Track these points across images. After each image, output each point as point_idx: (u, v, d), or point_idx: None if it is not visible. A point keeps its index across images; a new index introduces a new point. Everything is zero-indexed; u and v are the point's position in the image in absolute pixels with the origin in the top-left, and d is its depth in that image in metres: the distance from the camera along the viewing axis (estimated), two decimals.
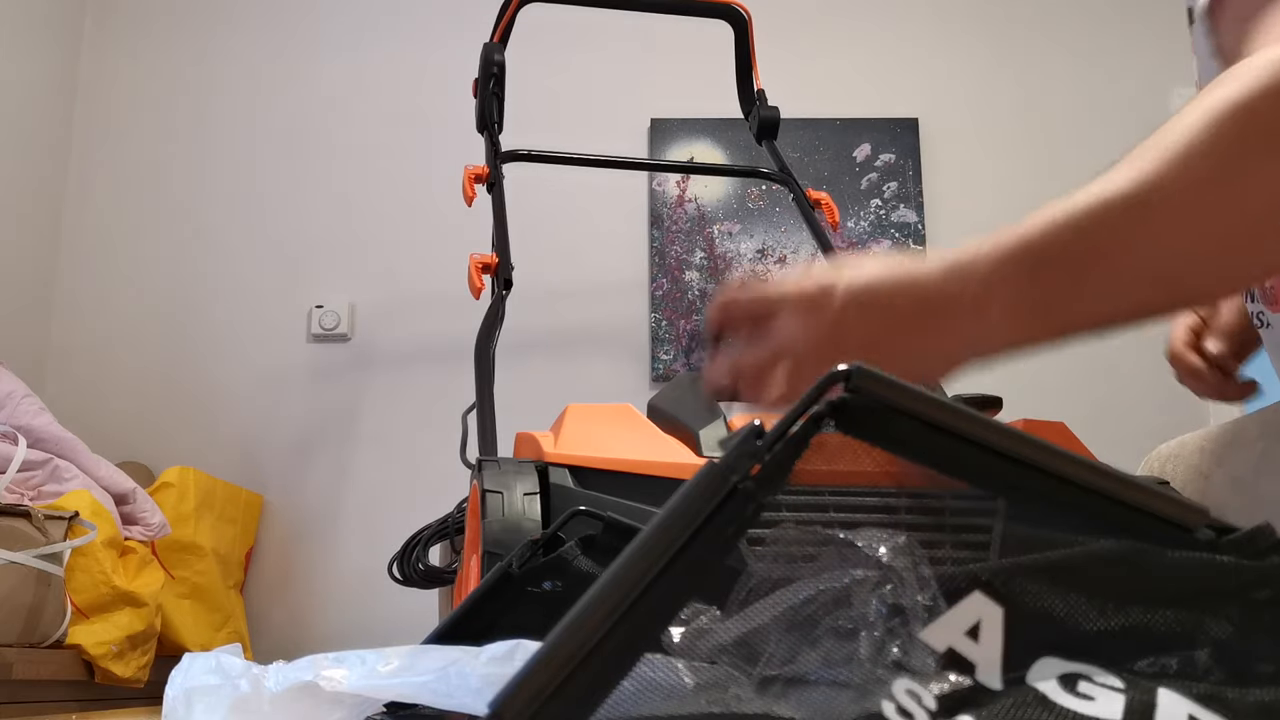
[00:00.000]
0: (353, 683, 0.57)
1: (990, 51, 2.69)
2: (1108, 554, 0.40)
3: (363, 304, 2.56)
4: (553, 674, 0.28)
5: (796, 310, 0.63)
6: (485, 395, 1.36)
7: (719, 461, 0.33)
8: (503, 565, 0.73)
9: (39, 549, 1.53)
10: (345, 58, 2.70)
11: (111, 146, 2.67)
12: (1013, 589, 0.38)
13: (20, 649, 1.52)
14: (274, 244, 2.60)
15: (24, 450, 1.73)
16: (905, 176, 2.58)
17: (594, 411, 1.01)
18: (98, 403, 2.47)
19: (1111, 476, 0.40)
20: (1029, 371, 2.47)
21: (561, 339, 2.52)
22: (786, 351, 0.64)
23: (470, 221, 1.91)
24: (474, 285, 1.53)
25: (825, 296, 0.62)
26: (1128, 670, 0.37)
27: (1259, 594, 0.39)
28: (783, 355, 0.64)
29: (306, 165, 2.64)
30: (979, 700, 0.35)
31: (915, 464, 0.37)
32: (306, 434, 2.50)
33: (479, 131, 1.83)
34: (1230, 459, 1.00)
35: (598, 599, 0.29)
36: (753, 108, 1.96)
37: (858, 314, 0.62)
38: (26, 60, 2.52)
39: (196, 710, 0.59)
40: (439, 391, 2.38)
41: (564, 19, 2.15)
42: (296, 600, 2.40)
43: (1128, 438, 1.48)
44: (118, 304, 2.57)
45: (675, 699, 0.34)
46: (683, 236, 2.56)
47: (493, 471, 0.91)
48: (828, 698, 0.35)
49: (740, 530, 0.32)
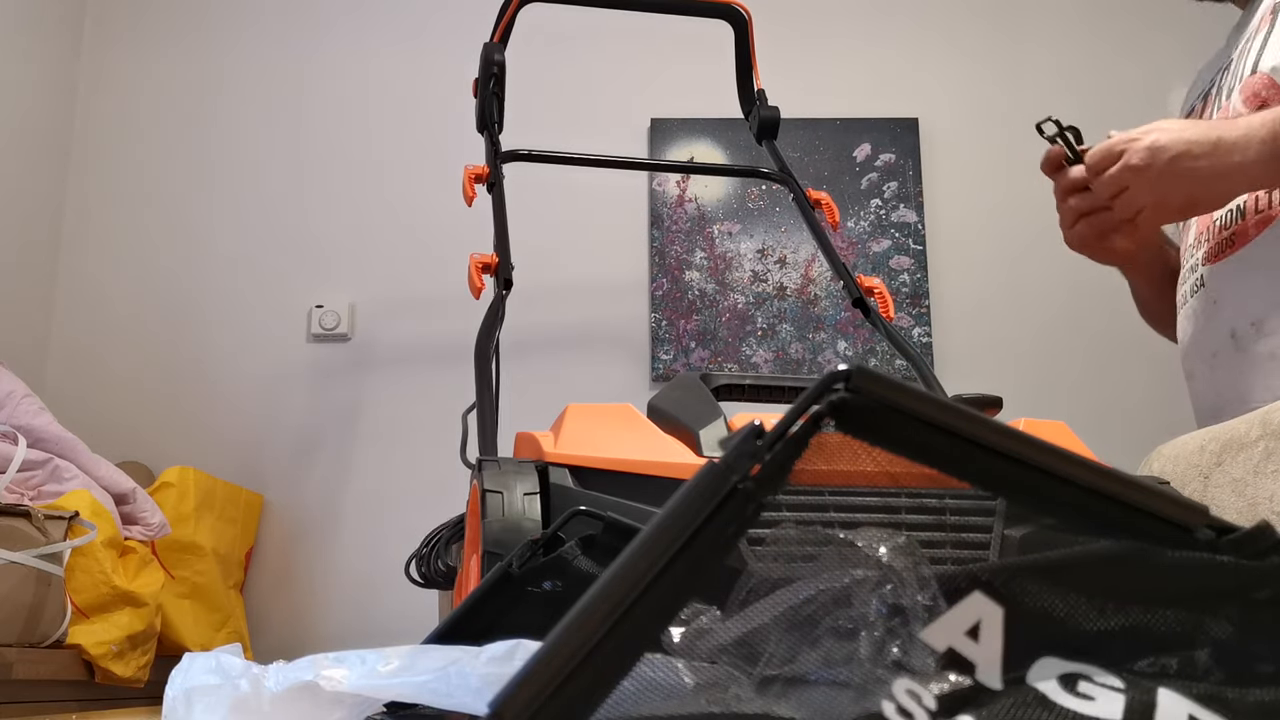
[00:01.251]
0: (353, 683, 0.57)
1: (990, 51, 2.69)
2: (1108, 554, 0.40)
3: (363, 304, 2.56)
4: (553, 674, 0.28)
5: (1122, 151, 1.02)
6: (485, 395, 1.36)
7: (719, 461, 0.33)
8: (502, 565, 0.73)
9: (39, 549, 1.53)
10: (345, 58, 2.70)
11: (111, 147, 2.67)
12: (1013, 589, 0.38)
13: (20, 649, 1.52)
14: (274, 244, 2.60)
15: (24, 450, 1.73)
16: (905, 176, 2.58)
17: (594, 411, 1.01)
18: (98, 403, 2.47)
19: (1112, 476, 0.40)
20: (1029, 371, 2.47)
21: (561, 339, 2.52)
22: (1123, 177, 1.01)
23: (470, 221, 1.91)
24: (474, 285, 1.53)
25: (1144, 136, 1.01)
26: (1128, 670, 0.37)
27: (1259, 594, 0.39)
28: (1121, 181, 1.02)
29: (306, 165, 2.64)
30: (979, 700, 0.35)
31: (915, 464, 0.37)
32: (306, 434, 2.50)
33: (479, 131, 1.83)
34: (1230, 459, 1.00)
35: (598, 599, 0.29)
36: (753, 108, 1.96)
37: (1164, 148, 0.99)
38: (26, 60, 2.52)
39: (196, 710, 0.59)
40: (439, 391, 2.38)
41: (564, 19, 2.15)
42: (296, 600, 2.40)
43: (1128, 438, 1.48)
44: (118, 304, 2.57)
45: (675, 699, 0.34)
46: (683, 236, 2.56)
47: (493, 471, 0.91)
48: (828, 698, 0.35)
49: (740, 530, 0.32)
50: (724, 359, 2.49)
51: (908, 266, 2.54)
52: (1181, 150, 1.00)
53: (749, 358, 2.49)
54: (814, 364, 2.49)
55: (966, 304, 2.53)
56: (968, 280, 2.55)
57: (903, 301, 2.51)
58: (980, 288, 2.56)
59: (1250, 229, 1.09)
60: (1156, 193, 1.02)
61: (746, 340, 2.50)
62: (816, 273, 2.54)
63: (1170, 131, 1.01)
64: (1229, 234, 1.12)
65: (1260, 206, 1.08)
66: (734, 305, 2.52)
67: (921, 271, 2.53)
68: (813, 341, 2.50)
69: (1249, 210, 1.10)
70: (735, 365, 2.48)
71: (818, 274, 2.54)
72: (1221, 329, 1.12)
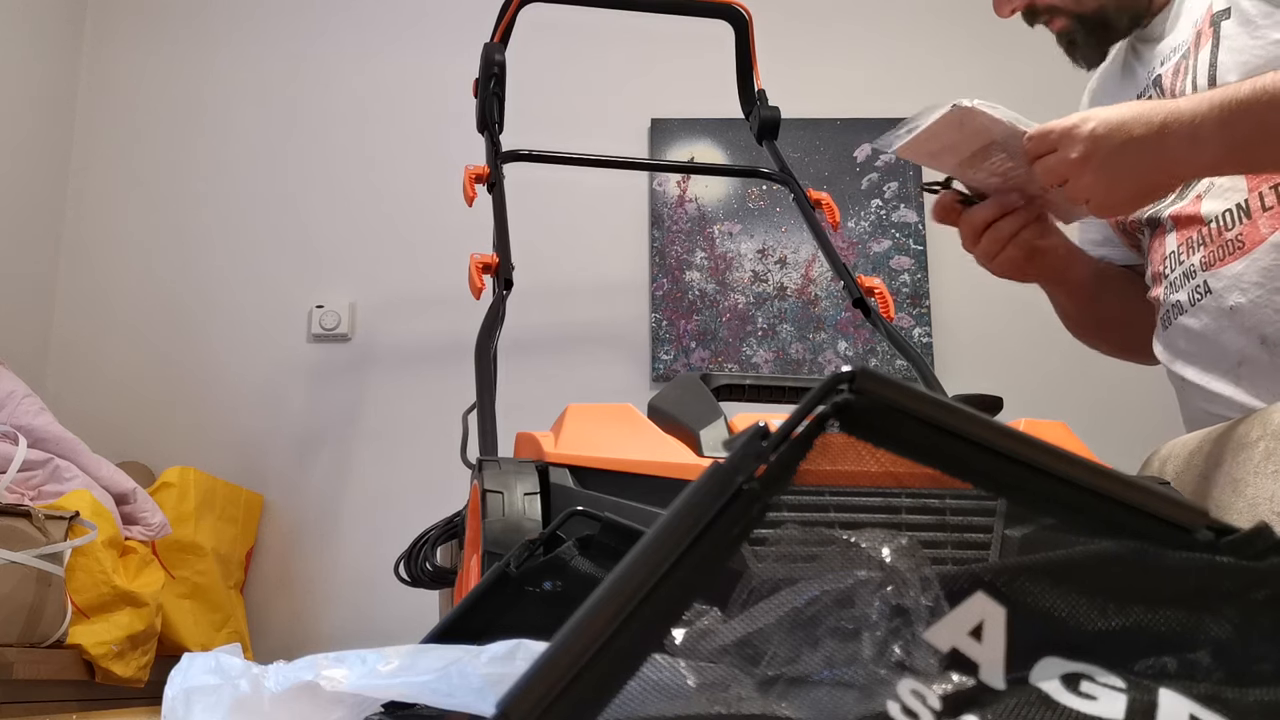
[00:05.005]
0: (353, 682, 0.57)
1: (990, 51, 2.69)
2: (1109, 554, 0.40)
3: (363, 304, 2.56)
4: (560, 675, 0.28)
5: (1061, 140, 0.98)
6: (485, 395, 1.36)
7: (724, 462, 0.33)
8: (500, 565, 0.73)
9: (39, 549, 1.53)
10: (345, 58, 2.70)
11: (111, 146, 2.67)
12: (1015, 589, 0.38)
13: (20, 649, 1.52)
14: (274, 244, 2.60)
15: (24, 450, 1.73)
16: (905, 176, 2.58)
17: (594, 411, 1.01)
18: (98, 403, 2.47)
19: (1112, 477, 0.40)
20: (1029, 372, 2.47)
21: (562, 339, 2.52)
22: (1063, 169, 0.98)
23: (470, 222, 1.91)
24: (474, 285, 1.53)
25: (1083, 124, 0.97)
26: (1129, 670, 0.37)
27: (1258, 594, 0.39)
28: (1060, 173, 0.98)
29: (307, 165, 2.64)
30: (983, 700, 0.35)
31: (918, 464, 0.37)
32: (307, 434, 2.50)
33: (479, 131, 1.83)
34: (1230, 459, 1.00)
35: (604, 600, 0.29)
36: (753, 108, 1.96)
37: (1105, 136, 0.95)
38: (27, 61, 2.51)
39: (196, 710, 0.59)
40: (439, 391, 2.38)
41: (564, 19, 2.15)
42: (296, 600, 2.40)
43: (1128, 438, 1.49)
44: (118, 304, 2.57)
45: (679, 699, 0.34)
46: (683, 236, 2.56)
47: (493, 471, 0.91)
48: (832, 698, 0.35)
49: (745, 531, 0.33)
50: (724, 359, 2.49)
51: (908, 267, 2.54)
52: (1123, 141, 0.95)
53: (749, 358, 2.49)
54: (814, 364, 2.49)
55: (966, 304, 2.53)
56: (968, 280, 2.55)
57: (903, 301, 2.51)
58: (980, 288, 2.55)
59: (1261, 228, 1.05)
60: (1101, 186, 0.97)
61: (747, 340, 2.50)
62: (817, 273, 2.54)
63: (1109, 122, 0.96)
64: (1233, 235, 1.07)
65: (1268, 204, 1.05)
66: (734, 305, 2.52)
67: (922, 271, 2.53)
68: (813, 342, 2.50)
69: (1254, 209, 1.06)
70: (736, 365, 2.48)
71: (818, 274, 2.54)
72: (1247, 335, 1.06)
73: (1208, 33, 1.12)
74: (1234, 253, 1.08)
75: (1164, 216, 1.18)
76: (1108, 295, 1.33)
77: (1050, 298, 1.36)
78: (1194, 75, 1.12)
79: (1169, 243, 1.17)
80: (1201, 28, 1.13)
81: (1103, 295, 1.33)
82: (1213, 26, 1.11)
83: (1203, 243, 1.12)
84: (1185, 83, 1.13)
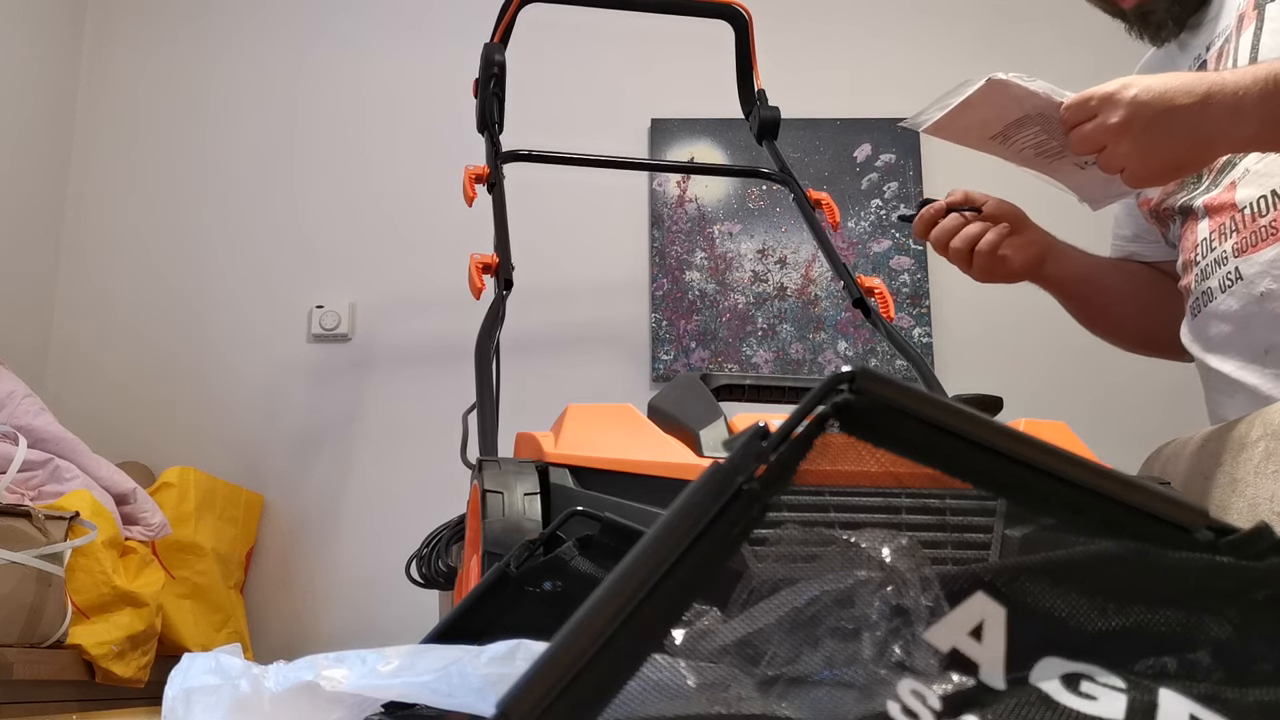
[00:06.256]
0: (353, 683, 0.57)
1: (991, 52, 2.69)
2: (1109, 554, 0.40)
3: (363, 304, 2.56)
4: (560, 675, 0.28)
5: (1101, 106, 0.96)
6: (485, 395, 1.36)
7: (724, 462, 0.33)
8: (500, 565, 0.73)
9: (39, 549, 1.53)
10: (345, 58, 2.70)
11: (112, 146, 2.67)
12: (1015, 589, 0.38)
13: (20, 649, 1.52)
14: (274, 244, 2.60)
15: (24, 450, 1.73)
16: (905, 176, 2.58)
17: (594, 411, 1.01)
18: (98, 403, 2.47)
19: (1112, 477, 0.40)
20: (1029, 371, 2.47)
21: (562, 339, 2.52)
22: (1100, 136, 0.96)
23: (470, 221, 1.91)
24: (474, 285, 1.53)
25: (1125, 89, 0.95)
26: (1129, 670, 0.37)
27: (1258, 594, 0.39)
28: (1098, 139, 0.96)
29: (307, 165, 2.64)
30: (983, 700, 0.35)
31: (919, 464, 0.37)
32: (307, 434, 2.50)
33: (479, 131, 1.83)
34: (1230, 459, 1.00)
35: (605, 600, 0.29)
36: (753, 108, 1.96)
37: (1148, 103, 0.93)
38: (27, 61, 2.51)
39: (196, 710, 0.59)
40: (439, 391, 2.38)
41: (564, 19, 2.15)
42: (296, 600, 2.40)
43: (1128, 438, 1.49)
44: (118, 304, 2.57)
45: (679, 699, 0.34)
46: (683, 236, 2.56)
47: (493, 471, 0.91)
48: (832, 698, 0.35)
49: (745, 531, 0.33)
50: (724, 359, 2.49)
51: (908, 267, 2.54)
52: (1165, 109, 0.93)
53: (749, 358, 2.49)
54: (814, 364, 2.49)
55: (966, 304, 2.53)
56: (967, 280, 2.55)
57: (903, 301, 2.51)
58: (980, 288, 2.55)
59: None
60: (1138, 154, 0.95)
61: (747, 340, 2.50)
62: (817, 273, 2.54)
63: (1152, 89, 0.94)
64: (1267, 221, 1.06)
65: None
66: (734, 305, 2.52)
67: (922, 271, 2.53)
68: (813, 342, 2.50)
69: None
70: (735, 365, 2.48)
71: (818, 274, 2.54)
72: (1276, 322, 1.05)
73: (1251, 15, 1.11)
74: (1266, 239, 1.06)
75: (1197, 204, 1.17)
76: (1115, 290, 1.33)
77: (1063, 304, 1.37)
78: (1235, 57, 1.12)
79: (1201, 229, 1.16)
80: (1245, 10, 1.13)
81: (1104, 291, 1.33)
82: (1257, 9, 1.11)
83: (1235, 229, 1.10)
84: (1227, 65, 1.12)
